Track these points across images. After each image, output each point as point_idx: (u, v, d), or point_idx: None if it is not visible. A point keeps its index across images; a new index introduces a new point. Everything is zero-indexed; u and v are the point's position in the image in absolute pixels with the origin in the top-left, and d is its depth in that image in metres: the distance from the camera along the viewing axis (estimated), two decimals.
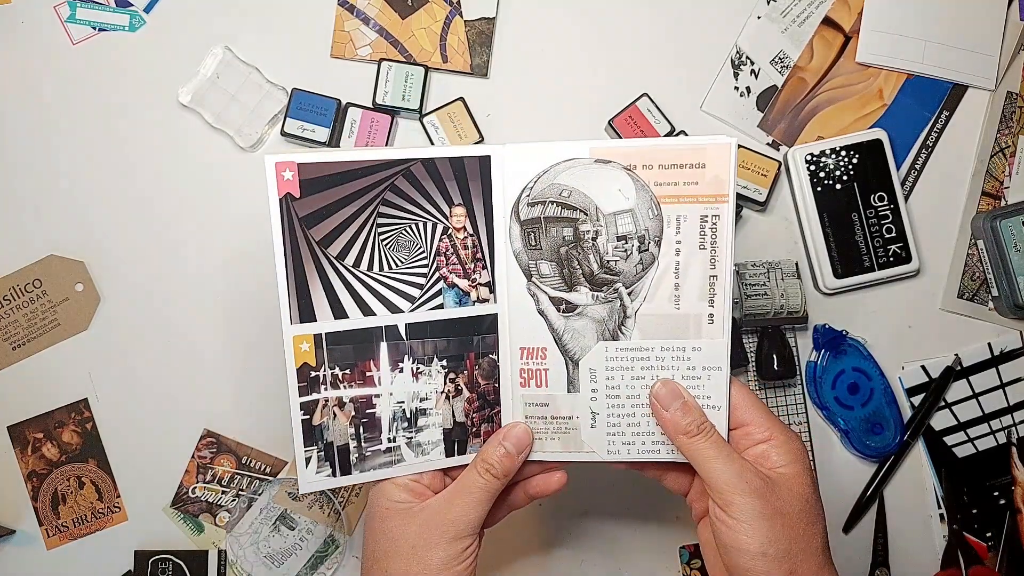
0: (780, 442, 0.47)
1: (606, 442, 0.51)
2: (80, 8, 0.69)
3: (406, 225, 0.51)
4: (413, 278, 0.51)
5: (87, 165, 0.68)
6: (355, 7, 0.69)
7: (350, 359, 0.51)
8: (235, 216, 0.68)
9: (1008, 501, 0.68)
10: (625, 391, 0.50)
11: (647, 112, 0.68)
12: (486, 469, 0.50)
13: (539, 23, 0.69)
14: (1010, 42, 0.70)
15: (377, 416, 0.51)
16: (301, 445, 0.50)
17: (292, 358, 0.50)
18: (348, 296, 0.51)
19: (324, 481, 0.51)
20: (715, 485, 0.46)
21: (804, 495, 0.46)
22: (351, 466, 0.51)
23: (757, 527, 0.44)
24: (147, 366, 0.67)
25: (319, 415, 0.50)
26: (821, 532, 0.47)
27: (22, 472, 0.67)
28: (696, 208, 0.48)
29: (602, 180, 0.49)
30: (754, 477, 0.46)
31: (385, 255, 0.51)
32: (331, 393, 0.51)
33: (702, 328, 0.49)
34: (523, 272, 0.51)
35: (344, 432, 0.51)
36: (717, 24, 0.70)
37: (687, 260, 0.49)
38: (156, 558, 0.66)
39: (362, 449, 0.51)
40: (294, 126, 0.66)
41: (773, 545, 0.44)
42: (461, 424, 0.53)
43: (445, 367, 0.52)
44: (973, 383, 0.69)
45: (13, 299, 0.67)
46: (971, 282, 0.69)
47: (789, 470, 0.47)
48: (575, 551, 0.67)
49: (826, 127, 0.69)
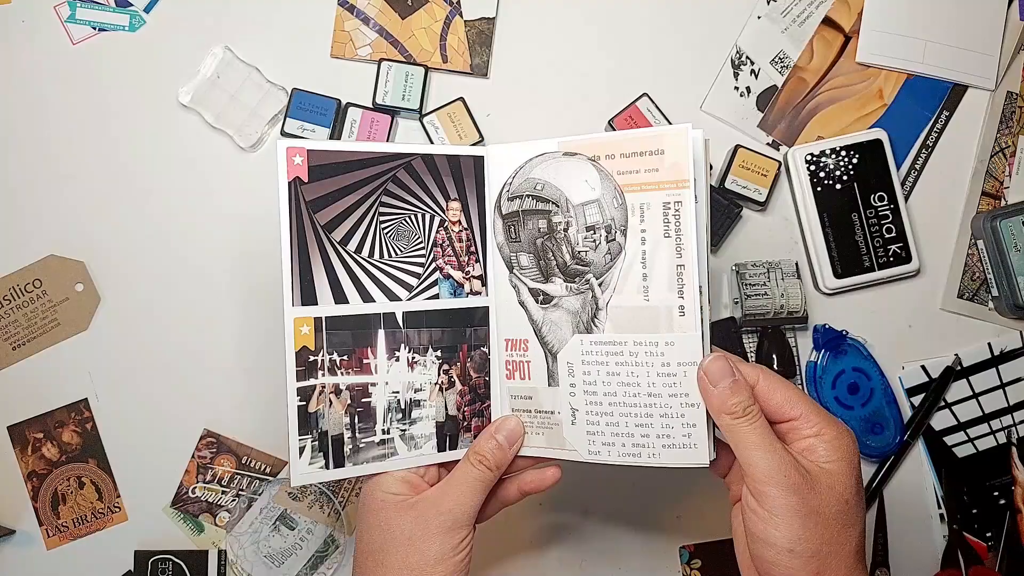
0: (830, 437, 0.45)
1: (587, 441, 0.51)
2: (80, 8, 0.69)
3: (406, 215, 0.52)
4: (411, 267, 0.52)
5: (87, 165, 0.68)
6: (355, 7, 0.69)
7: (348, 345, 0.51)
8: (235, 216, 0.68)
9: (1008, 501, 0.68)
10: (602, 387, 0.50)
11: (647, 112, 0.68)
12: (479, 460, 0.50)
13: (539, 23, 0.69)
14: (1010, 42, 0.70)
15: (372, 406, 0.51)
16: (296, 433, 0.49)
17: (292, 340, 0.49)
18: (349, 281, 0.51)
19: (317, 473, 0.50)
20: (752, 473, 0.44)
21: (844, 496, 0.44)
22: (344, 458, 0.51)
23: (789, 522, 0.43)
24: (147, 366, 0.67)
25: (315, 402, 0.50)
26: (856, 536, 0.45)
27: (22, 472, 0.67)
28: (659, 195, 0.48)
29: (570, 172, 0.50)
30: (793, 471, 0.44)
31: (386, 243, 0.52)
32: (328, 379, 0.50)
33: (673, 321, 0.48)
34: (506, 264, 0.53)
35: (339, 421, 0.51)
36: (717, 24, 0.70)
37: (653, 249, 0.48)
38: (156, 558, 0.66)
39: (356, 440, 0.51)
40: (294, 126, 0.66)
41: (802, 543, 0.43)
42: (453, 418, 0.53)
43: (439, 358, 0.53)
44: (973, 383, 0.69)
45: (13, 299, 0.67)
46: (971, 282, 0.69)
47: (834, 467, 0.45)
48: (575, 551, 0.67)
49: (826, 127, 0.69)
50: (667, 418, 0.48)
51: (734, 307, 0.67)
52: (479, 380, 0.54)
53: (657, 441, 0.49)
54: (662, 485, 0.68)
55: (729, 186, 0.67)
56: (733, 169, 0.67)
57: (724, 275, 0.68)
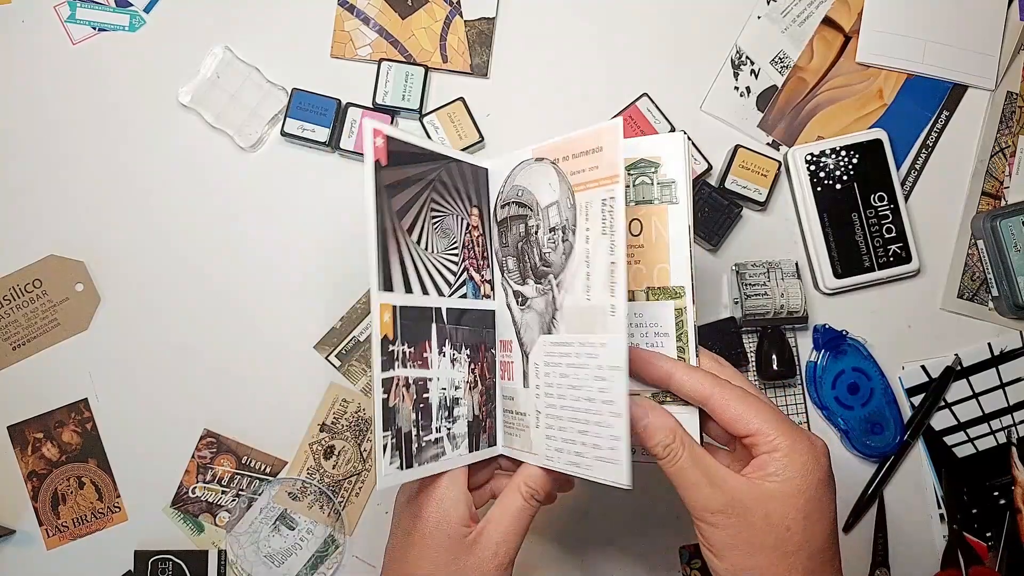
0: (782, 454, 0.44)
1: (545, 445, 0.49)
2: (80, 8, 0.69)
3: (448, 215, 0.53)
4: (450, 264, 0.52)
5: (87, 165, 0.68)
6: (355, 7, 0.69)
7: (414, 336, 0.48)
8: (235, 216, 0.68)
9: (1008, 501, 0.68)
10: (556, 389, 0.49)
11: (647, 112, 0.68)
12: (531, 495, 0.49)
13: (539, 23, 0.69)
14: (1010, 42, 0.70)
15: (430, 402, 0.49)
16: (381, 430, 0.46)
17: (378, 328, 0.46)
18: (414, 270, 0.49)
19: (396, 475, 0.46)
20: (688, 506, 0.45)
21: (784, 523, 0.43)
22: (412, 457, 0.47)
23: (728, 556, 0.44)
24: (147, 366, 0.67)
25: (393, 395, 0.47)
26: (803, 560, 0.43)
27: (22, 472, 0.67)
28: (599, 192, 0.47)
29: (539, 177, 0.51)
30: (720, 508, 0.44)
31: (433, 238, 0.51)
32: (401, 372, 0.47)
33: (607, 321, 0.46)
34: (500, 268, 0.54)
35: (408, 417, 0.48)
36: (717, 24, 0.70)
37: (594, 247, 0.47)
38: (156, 558, 0.66)
39: (420, 438, 0.48)
40: (294, 126, 0.66)
41: (744, 573, 0.44)
42: (477, 417, 0.52)
43: (469, 356, 0.52)
44: (973, 383, 0.69)
45: (13, 299, 0.67)
46: (971, 282, 0.69)
47: (778, 488, 0.44)
48: (575, 551, 0.67)
49: (826, 127, 0.69)
50: (600, 426, 0.46)
51: (734, 307, 0.67)
52: (491, 381, 0.54)
53: (592, 452, 0.46)
54: (662, 485, 0.68)
55: (729, 186, 0.67)
56: (733, 169, 0.67)
57: (724, 275, 0.68)
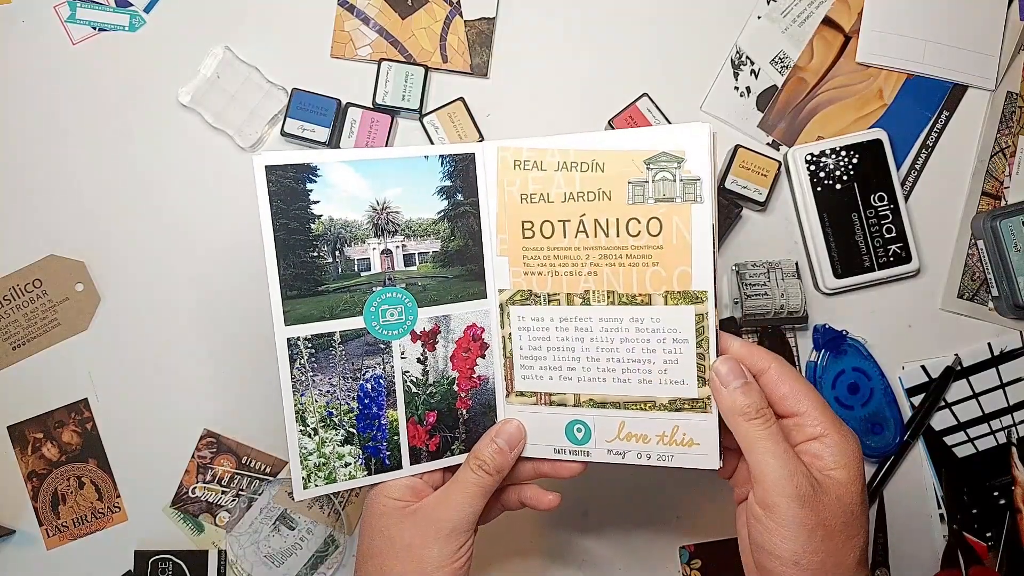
0: (834, 442, 0.44)
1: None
2: (80, 8, 0.69)
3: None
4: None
5: (87, 165, 0.68)
6: (355, 7, 0.69)
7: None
8: (235, 216, 0.68)
9: (1008, 501, 0.68)
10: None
11: (647, 112, 0.68)
12: (479, 465, 0.50)
13: (539, 23, 0.69)
14: (1010, 42, 0.70)
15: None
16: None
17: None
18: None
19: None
20: (762, 480, 0.43)
21: (849, 506, 0.43)
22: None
23: (795, 535, 0.42)
24: (147, 366, 0.67)
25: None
26: (859, 545, 0.44)
27: (22, 472, 0.67)
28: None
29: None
30: (804, 481, 0.43)
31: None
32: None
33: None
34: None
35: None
36: (717, 24, 0.70)
37: None
38: (156, 558, 0.66)
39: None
40: (294, 126, 0.66)
41: (808, 556, 0.42)
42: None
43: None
44: (973, 383, 0.69)
45: (13, 299, 0.67)
46: (971, 282, 0.69)
47: (841, 475, 0.44)
48: (575, 551, 0.67)
49: (826, 127, 0.69)
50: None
51: (734, 307, 0.67)
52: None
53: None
54: (662, 485, 0.68)
55: (729, 186, 0.67)
56: (733, 169, 0.67)
57: (724, 275, 0.68)
